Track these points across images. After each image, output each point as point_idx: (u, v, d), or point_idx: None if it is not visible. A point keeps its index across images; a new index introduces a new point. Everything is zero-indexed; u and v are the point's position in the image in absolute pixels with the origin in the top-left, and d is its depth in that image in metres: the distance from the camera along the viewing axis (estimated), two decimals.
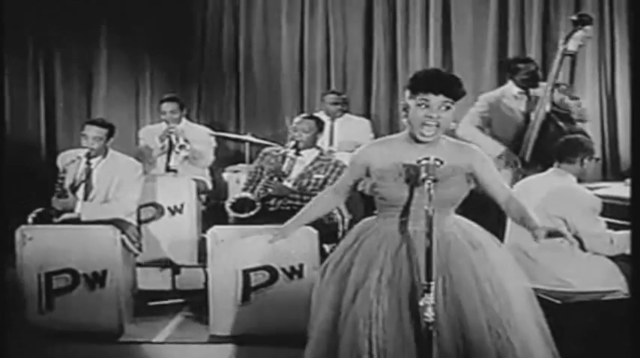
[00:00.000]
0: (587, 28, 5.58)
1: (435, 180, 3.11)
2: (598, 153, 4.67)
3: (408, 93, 3.28)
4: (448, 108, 3.20)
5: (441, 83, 3.20)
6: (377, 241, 3.31)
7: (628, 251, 4.39)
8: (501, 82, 7.10)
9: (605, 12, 7.23)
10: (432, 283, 3.03)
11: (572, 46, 5.58)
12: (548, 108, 5.61)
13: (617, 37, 7.16)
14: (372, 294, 3.19)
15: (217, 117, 8.44)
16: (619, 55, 7.12)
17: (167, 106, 6.91)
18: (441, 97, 3.18)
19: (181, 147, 6.65)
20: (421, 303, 3.04)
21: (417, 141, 3.27)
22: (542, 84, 5.77)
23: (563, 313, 4.17)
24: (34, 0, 8.01)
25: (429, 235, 3.07)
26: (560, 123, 5.58)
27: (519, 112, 5.83)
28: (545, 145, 5.46)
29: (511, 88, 5.93)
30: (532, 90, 5.83)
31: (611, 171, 6.99)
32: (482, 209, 3.62)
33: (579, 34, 5.58)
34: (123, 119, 8.01)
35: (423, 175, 3.13)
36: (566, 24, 7.14)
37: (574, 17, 5.69)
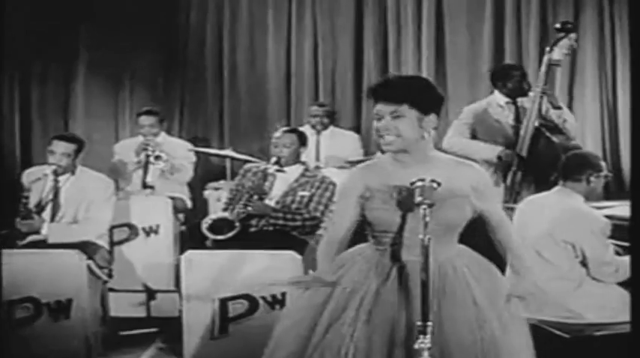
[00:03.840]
0: (572, 35, 5.40)
1: (431, 205, 2.72)
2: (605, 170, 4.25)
3: None
4: (398, 116, 2.86)
5: (386, 90, 2.89)
6: (364, 270, 2.95)
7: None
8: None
9: (605, 19, 6.95)
10: (430, 323, 2.65)
11: (557, 54, 5.40)
12: (536, 122, 5.41)
13: (618, 47, 6.89)
14: (346, 329, 2.83)
15: (201, 132, 8.19)
16: (620, 66, 6.85)
17: (145, 120, 6.63)
18: (390, 107, 2.86)
19: (157, 157, 6.35)
20: (416, 347, 2.65)
21: (413, 159, 2.93)
22: (530, 93, 5.53)
23: (572, 348, 3.85)
24: (8, 13, 7.68)
25: (424, 267, 2.68)
26: (552, 137, 5.36)
27: (506, 123, 5.62)
28: (536, 161, 5.32)
29: (497, 97, 5.71)
30: (520, 100, 5.62)
31: (614, 188, 6.65)
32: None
33: (564, 42, 5.40)
34: (102, 134, 7.77)
35: (418, 199, 2.74)
36: None
37: (557, 25, 5.52)
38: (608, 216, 4.26)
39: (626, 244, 4.20)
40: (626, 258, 4.07)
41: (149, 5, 7.94)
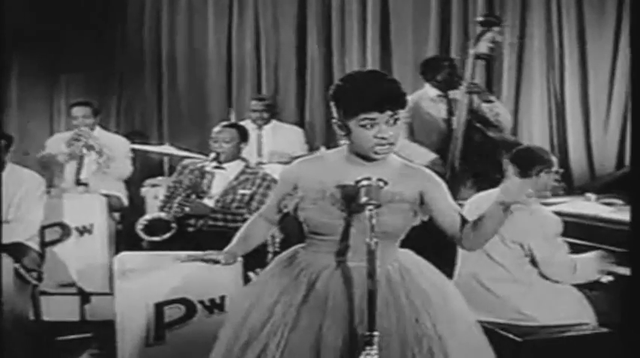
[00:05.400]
0: (495, 29, 5.39)
1: (378, 206, 2.53)
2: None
3: (338, 111, 2.71)
4: (397, 120, 2.65)
5: (385, 96, 2.63)
6: (293, 275, 2.78)
7: (593, 277, 4.01)
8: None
9: (552, 12, 6.85)
10: (376, 334, 2.46)
11: (482, 48, 5.38)
12: (466, 116, 5.37)
13: (565, 42, 6.79)
14: (270, 338, 2.66)
15: (138, 126, 8.07)
16: (568, 62, 6.76)
17: (78, 111, 6.40)
18: (388, 112, 2.62)
19: (89, 148, 6.18)
20: None
21: (365, 159, 2.72)
22: (461, 87, 5.48)
23: (525, 351, 3.72)
24: None
25: (371, 274, 2.49)
26: (484, 130, 5.37)
27: (440, 117, 5.60)
28: (472, 156, 5.28)
29: (428, 90, 5.69)
30: (451, 93, 5.59)
31: (562, 185, 6.57)
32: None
33: (488, 35, 5.38)
34: (35, 129, 7.60)
35: (364, 199, 2.54)
36: (512, 25, 6.81)
37: (480, 19, 5.54)
38: (557, 213, 4.14)
39: (584, 243, 4.12)
40: (587, 256, 3.98)
41: None
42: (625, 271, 3.97)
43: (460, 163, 5.36)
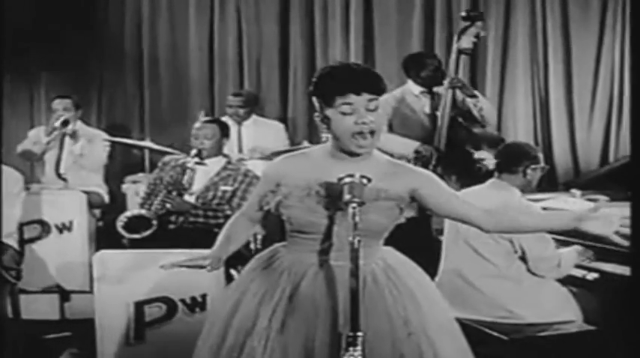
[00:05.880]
0: (479, 23, 5.33)
1: (361, 203, 2.47)
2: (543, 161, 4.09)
3: (318, 102, 2.66)
4: (373, 109, 2.59)
5: (361, 79, 2.59)
6: (276, 275, 2.70)
7: (570, 271, 3.98)
8: None
9: (537, 8, 6.82)
10: (360, 334, 2.38)
11: (465, 43, 5.32)
12: (449, 110, 5.32)
13: (549, 39, 6.78)
14: (257, 342, 2.58)
15: (120, 121, 7.92)
16: (552, 59, 6.75)
17: (59, 103, 6.44)
18: (366, 96, 2.56)
19: (64, 123, 6.23)
20: None
21: (350, 154, 2.66)
22: (444, 82, 5.42)
23: (511, 350, 3.67)
24: None
25: (353, 273, 2.42)
26: (468, 125, 5.32)
27: (422, 113, 5.52)
28: (456, 152, 5.22)
29: (411, 87, 5.60)
30: (435, 89, 5.52)
31: (546, 180, 6.54)
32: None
33: (471, 30, 5.32)
34: (16, 125, 7.41)
35: (347, 197, 2.48)
36: (496, 20, 6.84)
37: (463, 14, 5.47)
38: (545, 209, 4.11)
39: (568, 239, 4.06)
40: (568, 251, 3.95)
41: None
42: (609, 268, 3.94)
43: (443, 159, 5.30)
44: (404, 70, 5.70)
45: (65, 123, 6.18)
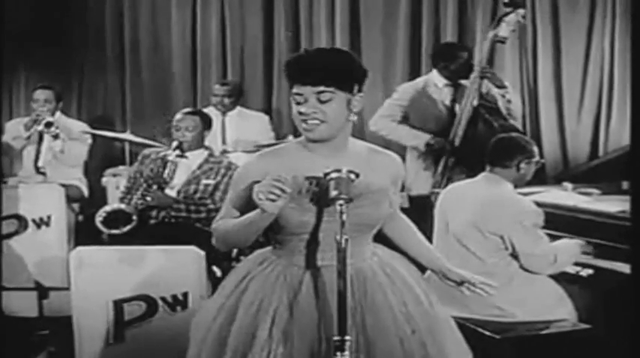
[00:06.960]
0: (520, 11, 5.07)
1: (349, 200, 2.34)
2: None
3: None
4: (324, 100, 2.45)
5: (310, 71, 2.46)
6: (269, 282, 2.53)
7: (568, 267, 3.93)
8: (414, 71, 6.70)
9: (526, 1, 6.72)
10: (348, 338, 2.27)
11: (503, 31, 5.07)
12: (475, 101, 5.07)
13: (539, 31, 6.68)
14: (258, 355, 2.43)
15: (101, 111, 7.86)
16: (541, 52, 6.66)
17: (40, 94, 6.28)
18: (311, 88, 2.45)
19: (48, 124, 5.98)
20: None
21: (324, 147, 2.52)
22: (474, 72, 5.20)
23: (502, 349, 3.59)
24: None
25: (341, 274, 2.30)
26: (490, 118, 5.06)
27: (443, 105, 5.30)
28: (472, 145, 4.93)
29: (435, 77, 5.37)
30: (461, 81, 5.31)
31: (534, 173, 6.48)
32: None
33: (511, 17, 5.06)
34: None
35: (333, 193, 2.35)
36: (483, 12, 6.69)
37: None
38: (543, 204, 4.01)
39: (561, 234, 4.00)
40: (565, 245, 3.87)
41: None
42: (603, 264, 3.87)
43: (457, 153, 5.13)
44: (432, 59, 5.51)
45: (48, 124, 6.00)
